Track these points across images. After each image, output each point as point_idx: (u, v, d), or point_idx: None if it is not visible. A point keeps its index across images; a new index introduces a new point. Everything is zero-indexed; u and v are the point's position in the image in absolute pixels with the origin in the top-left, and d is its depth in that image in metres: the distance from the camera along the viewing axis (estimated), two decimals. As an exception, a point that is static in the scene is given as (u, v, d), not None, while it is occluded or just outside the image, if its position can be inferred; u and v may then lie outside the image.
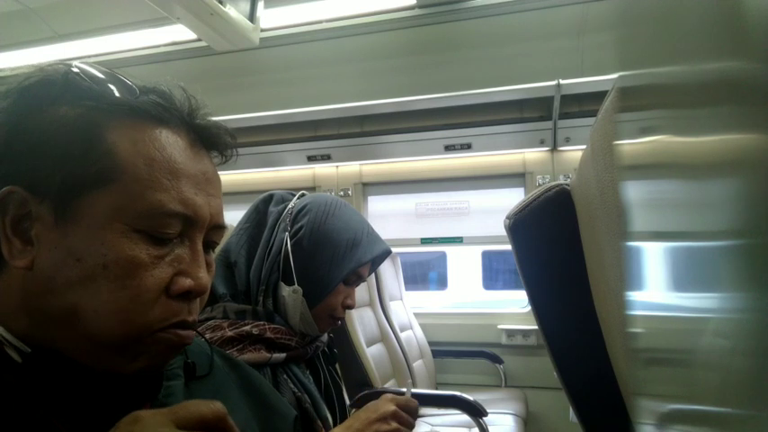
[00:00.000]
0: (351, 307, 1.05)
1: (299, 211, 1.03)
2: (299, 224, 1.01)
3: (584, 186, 0.67)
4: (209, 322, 0.96)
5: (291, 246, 1.00)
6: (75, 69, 0.50)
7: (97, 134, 0.48)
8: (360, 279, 1.06)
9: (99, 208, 0.47)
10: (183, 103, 0.54)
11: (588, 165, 0.64)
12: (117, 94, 0.51)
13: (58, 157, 0.47)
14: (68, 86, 0.49)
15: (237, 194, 3.24)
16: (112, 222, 0.47)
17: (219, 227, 0.56)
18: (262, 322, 0.97)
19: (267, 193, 1.09)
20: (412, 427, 0.93)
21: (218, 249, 1.07)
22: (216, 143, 0.57)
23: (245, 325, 0.95)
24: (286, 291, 0.99)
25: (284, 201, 1.07)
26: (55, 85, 0.49)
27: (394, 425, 0.89)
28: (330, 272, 0.99)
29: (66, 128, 0.48)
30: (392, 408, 0.90)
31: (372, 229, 1.08)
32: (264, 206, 1.07)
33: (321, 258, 1.00)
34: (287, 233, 1.01)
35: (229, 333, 0.93)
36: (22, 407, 0.45)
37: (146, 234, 0.48)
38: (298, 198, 1.07)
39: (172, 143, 0.51)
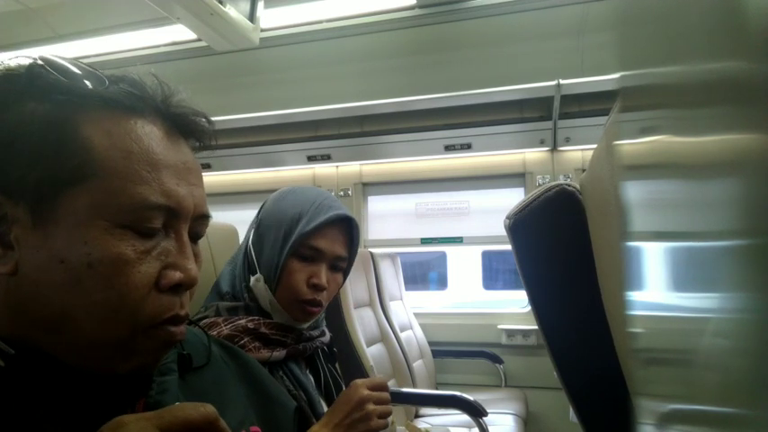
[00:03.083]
0: (318, 286, 0.99)
1: (263, 205, 1.07)
2: (260, 217, 1.05)
3: (597, 183, 0.67)
4: (203, 321, 0.96)
5: (252, 237, 1.03)
6: (40, 62, 0.48)
7: (70, 129, 0.46)
8: (318, 252, 0.99)
9: (79, 206, 0.45)
10: (156, 90, 0.52)
11: (602, 161, 0.64)
12: (87, 85, 0.48)
13: (30, 156, 0.45)
14: (34, 80, 0.47)
15: (238, 194, 3.24)
16: (94, 220, 0.45)
17: (204, 216, 0.54)
18: (256, 317, 0.98)
19: None
20: (388, 401, 0.92)
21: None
22: (193, 130, 0.55)
23: (240, 320, 0.96)
24: (252, 281, 1.01)
25: None
26: (19, 80, 0.47)
27: (370, 407, 0.88)
28: (277, 250, 0.99)
29: (37, 124, 0.46)
30: (363, 393, 0.89)
31: (330, 201, 1.03)
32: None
33: (270, 240, 1.00)
34: (253, 229, 1.04)
35: (226, 330, 0.94)
36: (9, 410, 0.44)
37: (129, 229, 0.47)
38: None
39: (148, 133, 0.49)
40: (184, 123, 0.54)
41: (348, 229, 1.04)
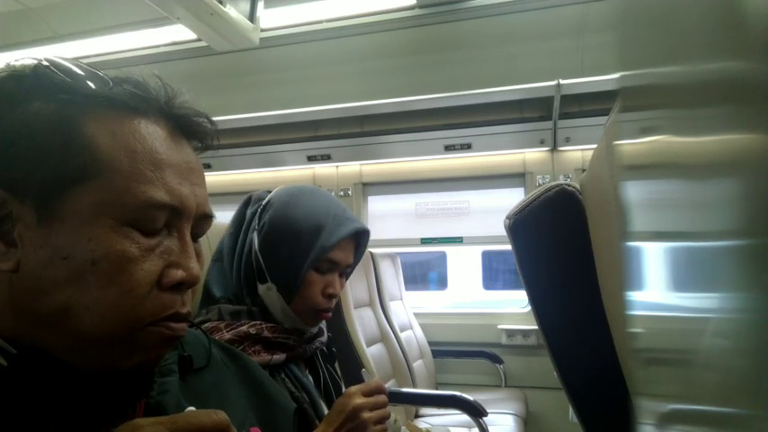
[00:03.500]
0: (333, 296, 1.00)
1: (264, 207, 1.03)
2: (263, 220, 1.01)
3: (597, 183, 0.67)
4: (205, 325, 0.96)
5: (259, 243, 1.00)
6: (45, 63, 0.49)
7: (75, 129, 0.47)
8: (334, 265, 1.01)
9: (83, 204, 0.46)
10: (159, 91, 0.53)
11: (602, 161, 0.64)
12: (91, 85, 0.49)
13: (35, 155, 0.46)
14: (39, 81, 0.48)
15: (238, 195, 3.23)
16: (99, 218, 0.46)
17: (206, 216, 0.55)
18: (258, 321, 0.97)
19: (246, 196, 1.08)
20: (385, 403, 0.91)
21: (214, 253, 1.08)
22: (195, 131, 0.56)
23: (242, 325, 0.95)
24: (261, 289, 0.99)
25: (260, 200, 1.06)
26: (25, 80, 0.48)
27: (366, 415, 0.87)
28: (295, 263, 0.98)
29: (42, 124, 0.46)
30: (357, 401, 0.87)
31: (342, 210, 1.02)
32: (244, 209, 1.07)
33: (285, 251, 0.98)
34: (255, 231, 1.01)
35: (227, 335, 0.93)
36: (10, 408, 0.44)
37: (133, 227, 0.47)
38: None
39: (152, 133, 0.50)
40: (187, 124, 0.54)
41: (356, 236, 1.05)
